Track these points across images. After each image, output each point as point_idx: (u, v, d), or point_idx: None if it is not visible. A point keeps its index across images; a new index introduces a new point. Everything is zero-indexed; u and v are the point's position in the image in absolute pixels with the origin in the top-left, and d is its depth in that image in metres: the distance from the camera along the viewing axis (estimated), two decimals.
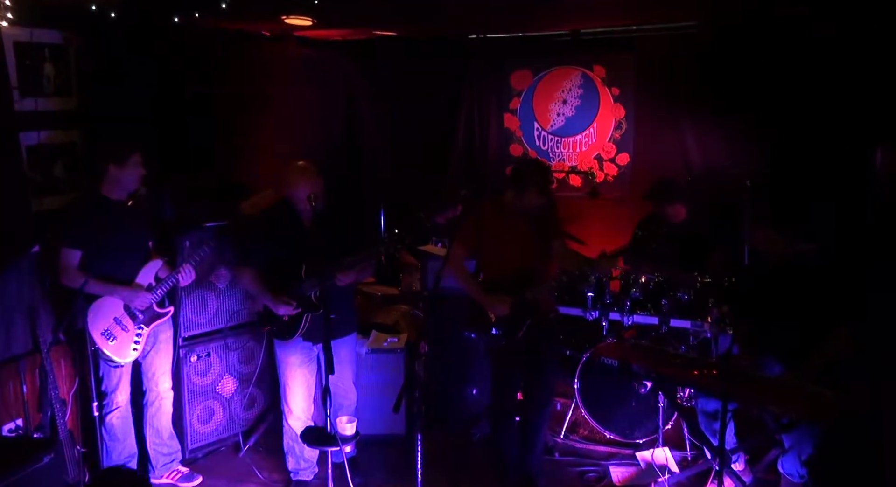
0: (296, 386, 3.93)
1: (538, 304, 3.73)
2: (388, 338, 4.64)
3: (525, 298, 3.69)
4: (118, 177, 3.74)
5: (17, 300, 3.75)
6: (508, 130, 5.96)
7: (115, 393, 3.89)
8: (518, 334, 3.70)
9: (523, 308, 3.69)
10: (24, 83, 3.80)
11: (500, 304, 3.68)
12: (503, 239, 3.72)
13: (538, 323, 3.73)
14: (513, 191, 3.67)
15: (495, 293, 3.70)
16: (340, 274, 3.64)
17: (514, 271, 3.71)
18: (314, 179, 3.72)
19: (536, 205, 3.66)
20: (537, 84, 5.82)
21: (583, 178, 5.67)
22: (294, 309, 3.70)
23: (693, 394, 4.17)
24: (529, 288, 3.69)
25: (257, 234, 3.87)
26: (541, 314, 3.75)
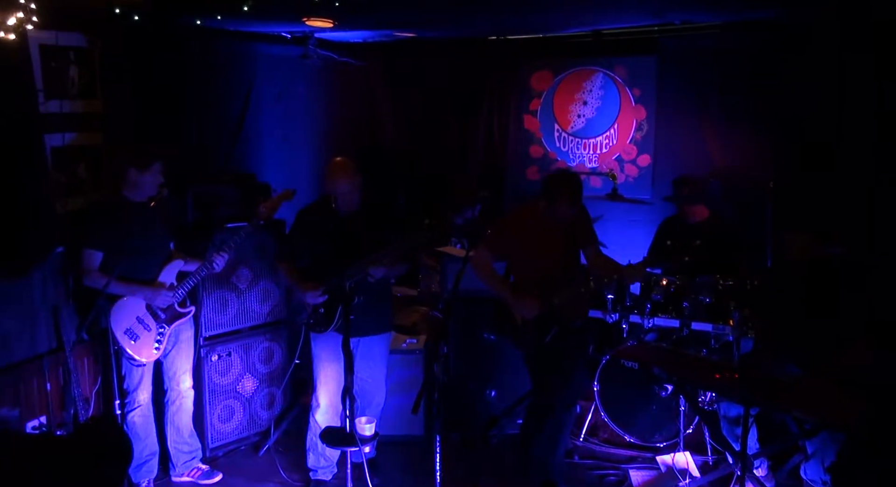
0: (326, 379, 3.96)
1: (565, 311, 3.72)
2: (406, 339, 4.64)
3: (552, 304, 3.68)
4: (137, 181, 3.79)
5: (41, 299, 3.79)
6: (529, 131, 5.92)
7: (137, 391, 3.91)
8: (545, 340, 3.69)
9: (550, 314, 3.68)
10: (49, 85, 3.84)
11: (529, 306, 3.67)
12: (533, 246, 3.73)
13: (565, 329, 3.72)
14: (544, 202, 3.68)
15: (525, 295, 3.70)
16: (372, 266, 3.66)
17: (542, 277, 3.71)
18: (350, 176, 3.77)
19: (567, 214, 3.67)
20: (558, 85, 5.78)
21: (603, 180, 5.61)
22: (319, 296, 3.73)
23: (715, 398, 4.13)
24: (557, 294, 3.68)
25: (296, 229, 3.96)
26: (567, 320, 3.73)
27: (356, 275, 3.70)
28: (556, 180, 3.76)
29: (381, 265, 3.69)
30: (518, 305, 3.70)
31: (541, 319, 3.68)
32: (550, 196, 3.67)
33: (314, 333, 3.97)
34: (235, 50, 5.03)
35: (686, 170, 4.92)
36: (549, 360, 3.73)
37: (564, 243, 3.77)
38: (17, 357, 3.71)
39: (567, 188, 3.67)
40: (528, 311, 3.67)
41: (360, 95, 6.17)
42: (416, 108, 6.12)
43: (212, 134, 4.91)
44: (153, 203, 3.84)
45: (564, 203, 3.64)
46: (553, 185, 3.70)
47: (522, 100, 5.88)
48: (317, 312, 3.88)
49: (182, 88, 4.60)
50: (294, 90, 5.56)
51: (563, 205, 3.65)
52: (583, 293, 3.75)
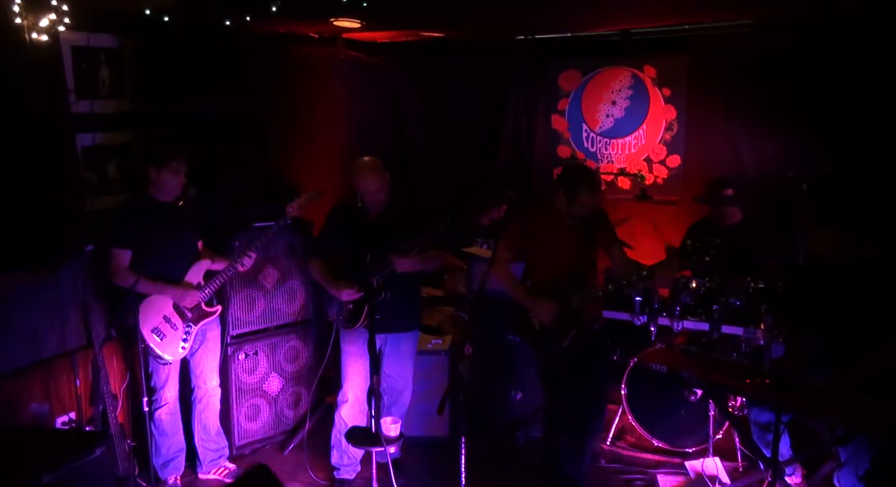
0: (354, 375, 3.97)
1: (584, 313, 3.67)
2: (432, 340, 4.63)
3: (570, 306, 3.63)
4: (157, 180, 3.80)
5: (72, 296, 3.81)
6: (556, 131, 5.89)
7: (164, 389, 3.95)
8: (563, 344, 3.64)
9: (568, 316, 3.64)
10: (80, 86, 3.89)
11: (546, 309, 3.63)
12: (552, 246, 3.68)
13: (583, 332, 3.67)
14: (564, 198, 3.61)
15: (541, 298, 3.66)
16: (398, 258, 3.67)
17: (560, 278, 3.66)
18: (379, 175, 3.79)
19: (589, 206, 3.60)
20: (586, 85, 5.74)
21: (632, 181, 5.57)
22: (356, 294, 3.76)
23: (745, 403, 4.06)
24: (575, 296, 3.63)
25: (326, 227, 4.00)
26: (586, 323, 3.69)
27: (382, 270, 3.71)
28: (572, 173, 3.70)
29: (405, 257, 3.68)
30: (534, 308, 3.66)
31: (559, 323, 3.64)
32: (569, 189, 3.59)
33: (343, 329, 3.98)
34: (263, 50, 5.04)
35: (716, 171, 4.86)
36: (569, 366, 3.69)
37: (583, 244, 3.71)
38: (48, 353, 3.75)
39: (583, 177, 3.61)
40: (545, 314, 3.63)
41: (386, 95, 6.17)
42: (443, 108, 6.11)
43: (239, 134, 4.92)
44: (181, 203, 3.86)
45: (585, 193, 3.56)
46: (570, 178, 3.64)
47: (550, 100, 5.85)
48: (345, 308, 3.89)
49: (209, 89, 4.63)
50: (321, 90, 5.57)
51: (585, 195, 3.57)
52: (600, 296, 3.69)
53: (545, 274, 3.73)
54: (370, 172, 3.80)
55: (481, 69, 5.94)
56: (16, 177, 3.41)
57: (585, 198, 3.57)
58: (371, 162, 3.85)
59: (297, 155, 5.38)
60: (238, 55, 4.82)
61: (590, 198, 3.57)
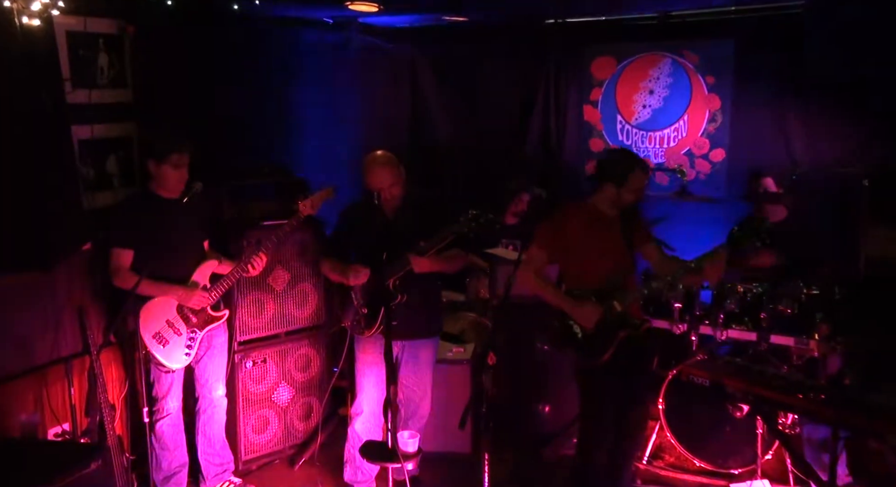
0: (369, 386, 3.95)
1: (629, 317, 3.62)
2: (453, 348, 4.62)
3: (614, 311, 3.58)
4: (157, 174, 3.78)
5: (66, 299, 3.81)
6: (588, 123, 5.84)
7: (166, 399, 3.91)
8: (608, 351, 3.57)
9: (613, 321, 3.58)
10: (76, 74, 3.85)
11: (590, 313, 3.56)
12: (592, 245, 3.64)
13: (630, 338, 3.60)
14: (612, 185, 3.58)
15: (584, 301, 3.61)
16: (415, 258, 3.64)
17: (601, 282, 3.61)
18: (393, 170, 3.76)
19: (640, 190, 3.58)
20: (621, 72, 5.68)
21: (671, 177, 5.51)
22: (364, 275, 3.74)
23: (798, 420, 3.97)
24: (619, 298, 3.57)
25: (339, 226, 4.01)
26: (633, 327, 3.63)
27: (398, 270, 3.68)
28: (619, 154, 3.70)
29: (424, 256, 3.65)
30: (577, 313, 3.60)
31: (603, 329, 3.58)
32: (619, 173, 3.55)
33: (357, 335, 3.95)
34: (274, 36, 5.04)
35: (765, 166, 4.78)
36: (612, 377, 3.62)
37: (622, 243, 3.67)
38: (41, 360, 3.72)
39: (629, 158, 3.59)
40: (589, 319, 3.57)
41: (405, 84, 6.16)
42: (466, 98, 6.08)
43: (248, 126, 4.92)
44: (185, 199, 3.83)
45: (639, 175, 3.53)
46: (618, 160, 3.62)
47: (582, 90, 5.81)
48: (360, 313, 3.86)
49: (217, 78, 4.61)
50: (335, 79, 5.56)
51: (638, 178, 3.54)
52: (646, 294, 3.66)
53: (584, 277, 3.68)
54: (383, 167, 3.77)
55: (507, 56, 5.90)
56: (7, 173, 3.39)
57: (639, 179, 3.55)
58: (384, 156, 3.83)
59: (308, 148, 5.36)
60: (247, 41, 4.80)
61: (640, 178, 3.55)
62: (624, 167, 3.56)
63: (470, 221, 3.54)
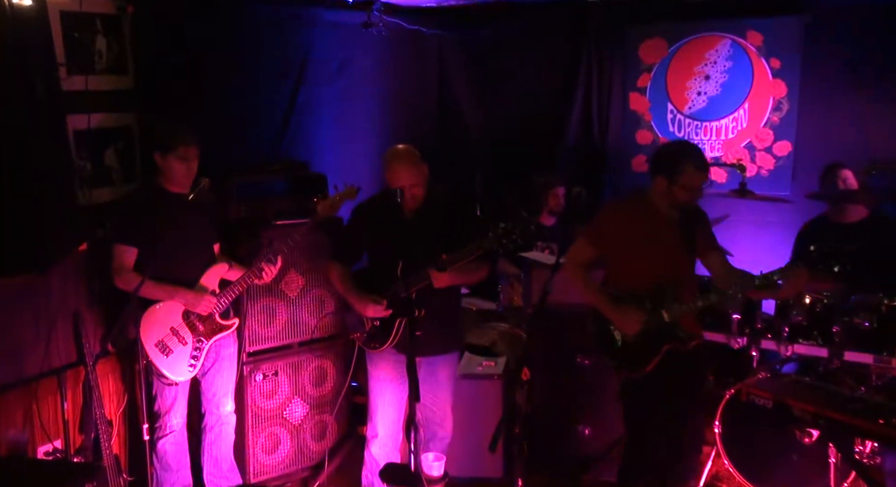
0: (384, 406, 3.93)
1: (679, 329, 3.56)
2: (483, 362, 4.61)
3: (662, 320, 3.52)
4: (163, 167, 3.81)
5: (60, 304, 3.82)
6: (635, 113, 5.82)
7: (169, 415, 3.91)
8: (648, 365, 3.53)
9: (660, 332, 3.53)
10: (72, 59, 3.86)
11: (633, 318, 3.54)
12: (645, 245, 3.60)
13: (676, 352, 3.55)
14: (663, 180, 3.54)
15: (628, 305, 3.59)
16: (435, 274, 3.60)
17: (651, 287, 3.57)
18: (415, 167, 3.72)
19: (694, 189, 3.52)
20: (673, 56, 5.67)
21: (729, 172, 5.48)
22: (383, 311, 3.72)
23: (878, 449, 3.88)
24: (668, 308, 3.51)
25: (351, 227, 3.98)
26: (681, 341, 3.56)
27: (416, 284, 3.64)
28: (673, 147, 3.67)
29: (445, 271, 3.60)
30: (618, 317, 3.58)
31: (647, 338, 3.54)
32: (670, 167, 3.50)
33: (369, 350, 3.92)
34: (288, 17, 5.04)
35: (838, 159, 4.68)
36: (658, 394, 3.58)
37: (679, 245, 3.62)
38: (31, 371, 3.72)
39: (689, 152, 3.53)
40: (631, 324, 3.55)
41: (431, 69, 6.16)
42: (498, 85, 6.06)
43: (259, 115, 4.93)
44: (191, 195, 3.83)
45: (691, 171, 3.46)
46: (670, 153, 3.58)
47: (628, 76, 5.79)
48: (372, 325, 3.82)
49: (226, 62, 4.61)
50: (355, 64, 5.56)
51: (690, 174, 3.47)
52: (700, 307, 3.58)
53: (631, 280, 3.64)
54: (405, 164, 3.71)
55: (544, 38, 5.87)
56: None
57: (690, 175, 3.48)
58: (405, 151, 3.77)
59: (326, 140, 5.36)
60: (259, 23, 4.78)
61: (695, 176, 3.48)
62: (675, 160, 3.51)
63: (500, 237, 3.49)
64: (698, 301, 3.55)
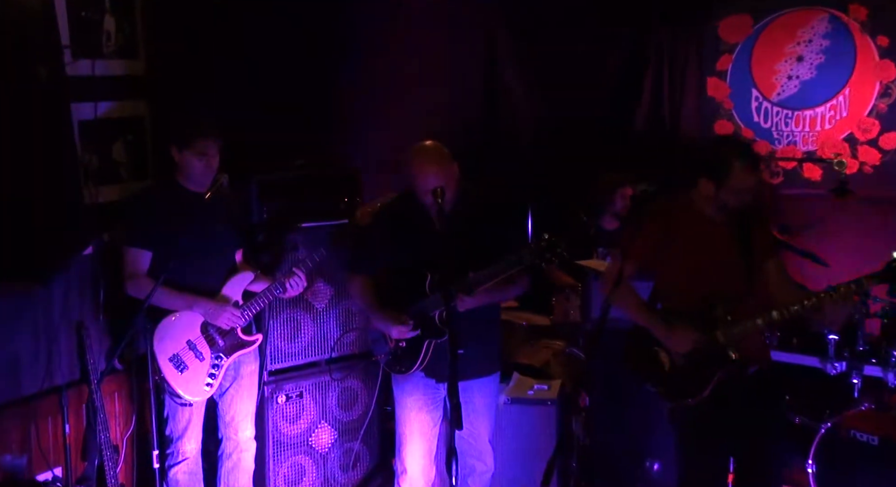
0: (413, 436, 3.92)
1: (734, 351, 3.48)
2: (534, 385, 4.57)
3: (715, 341, 3.47)
4: (180, 164, 3.86)
5: (62, 314, 3.85)
6: (713, 101, 5.72)
7: (183, 439, 3.94)
8: (703, 391, 3.47)
9: (713, 354, 3.47)
10: (77, 41, 3.90)
11: (682, 337, 3.51)
12: (694, 254, 3.57)
13: (734, 377, 3.48)
14: (709, 184, 3.50)
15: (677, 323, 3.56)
16: (462, 299, 3.59)
17: (700, 303, 3.53)
18: (444, 166, 3.70)
19: (744, 192, 3.46)
20: (759, 34, 5.53)
21: (825, 169, 5.34)
22: (409, 332, 3.72)
23: None
24: (724, 327, 3.45)
25: (373, 235, 3.98)
26: (738, 365, 3.49)
27: (440, 306, 3.62)
28: (719, 144, 3.69)
29: (470, 294, 3.59)
30: (666, 336, 3.56)
31: (698, 361, 3.51)
32: (716, 167, 3.46)
33: (395, 374, 3.92)
34: None
35: None
36: (717, 425, 3.54)
37: (739, 251, 3.56)
38: (29, 389, 3.77)
39: (736, 149, 3.50)
40: (680, 344, 3.53)
41: (479, 52, 6.12)
42: (553, 68, 5.98)
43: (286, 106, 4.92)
44: (209, 194, 3.86)
45: (738, 172, 3.41)
46: (716, 151, 3.55)
47: (706, 57, 5.70)
48: (397, 346, 3.81)
49: (247, 43, 4.64)
50: (391, 49, 5.55)
51: (738, 175, 3.41)
52: (760, 325, 3.52)
53: (678, 296, 3.62)
54: (431, 163, 3.68)
55: (608, 15, 5.80)
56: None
57: (738, 177, 3.43)
58: (432, 148, 3.75)
59: (360, 130, 5.39)
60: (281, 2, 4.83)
61: (744, 177, 3.43)
62: (722, 160, 3.48)
63: (542, 251, 3.45)
64: (758, 319, 3.47)
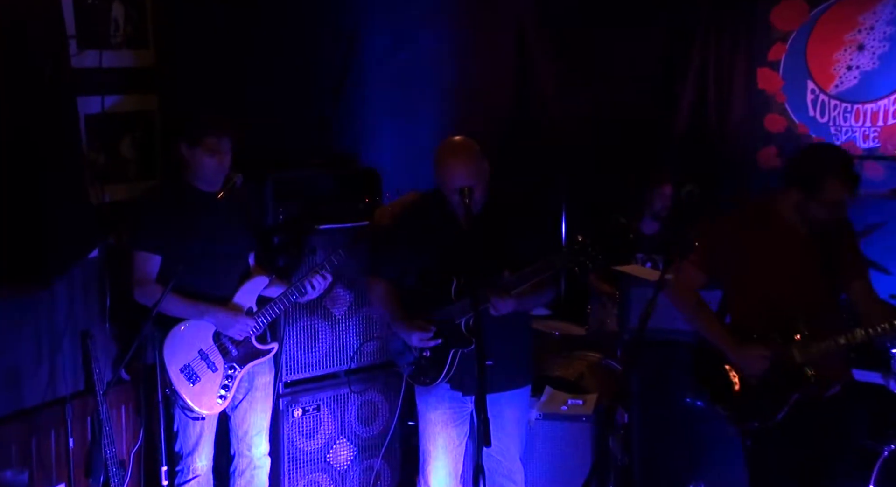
0: (437, 453, 3.92)
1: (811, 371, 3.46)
2: (568, 399, 4.59)
3: (791, 360, 3.44)
4: (191, 161, 3.85)
5: (66, 322, 3.87)
6: (764, 93, 5.68)
7: (193, 455, 3.95)
8: (777, 414, 3.43)
9: (789, 373, 3.45)
10: (84, 31, 3.91)
11: (755, 358, 3.48)
12: (771, 265, 3.56)
13: (811, 399, 3.45)
14: (798, 192, 3.49)
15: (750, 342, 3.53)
16: (496, 298, 3.57)
17: (778, 316, 3.50)
18: (474, 164, 3.70)
19: (836, 206, 3.47)
20: (816, 21, 5.51)
21: (887, 168, 5.35)
22: (431, 340, 3.72)
23: None
24: (802, 344, 3.42)
25: (396, 237, 3.99)
26: (816, 387, 3.46)
27: (471, 310, 3.58)
28: (817, 153, 3.66)
29: (510, 296, 3.57)
30: (738, 356, 3.53)
31: (772, 382, 3.49)
32: (810, 179, 3.44)
33: (419, 386, 3.92)
34: None
35: None
36: (789, 449, 3.51)
37: (822, 265, 3.53)
38: (31, 401, 3.78)
39: (834, 160, 3.48)
40: (753, 365, 3.50)
41: (508, 42, 6.13)
42: (588, 62, 6.01)
43: (302, 100, 4.94)
44: (221, 194, 3.89)
45: (834, 186, 3.40)
46: (813, 161, 3.53)
47: (755, 47, 5.68)
48: (420, 355, 3.81)
49: (263, 36, 4.65)
50: (414, 41, 5.56)
51: (833, 189, 3.40)
52: (843, 344, 3.48)
53: (755, 312, 3.58)
54: (461, 160, 3.68)
55: (648, 3, 5.81)
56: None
57: (831, 191, 3.42)
58: (462, 144, 3.75)
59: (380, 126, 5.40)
60: None
61: (838, 191, 3.43)
62: (815, 169, 3.47)
63: (576, 254, 3.44)
64: (840, 338, 3.44)
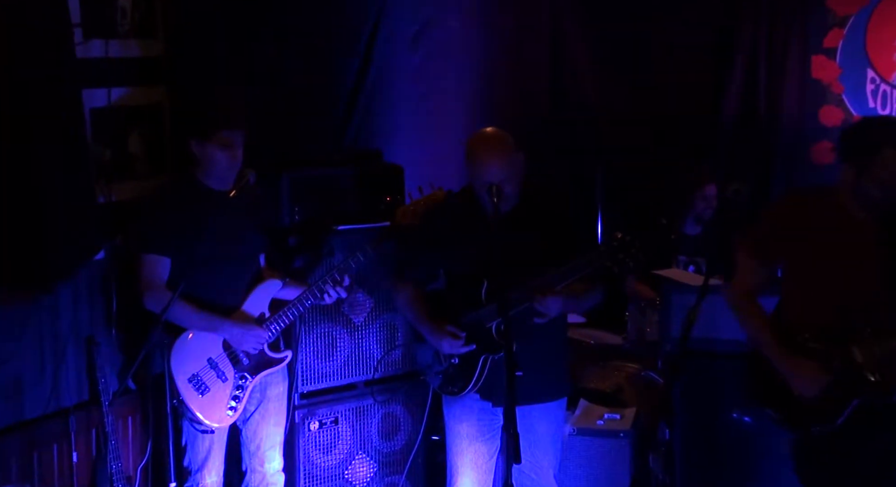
0: (465, 470, 3.94)
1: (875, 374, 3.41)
2: (605, 414, 4.60)
3: (853, 361, 3.39)
4: (201, 158, 3.87)
5: (70, 329, 3.88)
6: (819, 83, 5.68)
7: (203, 471, 3.97)
8: (835, 420, 3.40)
9: (849, 378, 3.40)
10: (89, 19, 3.92)
11: (809, 378, 3.45)
12: (827, 260, 3.50)
13: (874, 405, 3.40)
14: (851, 169, 3.43)
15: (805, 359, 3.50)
16: (544, 297, 3.57)
17: (836, 316, 3.45)
18: (506, 157, 3.68)
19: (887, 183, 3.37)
20: (877, 5, 5.51)
21: None
22: (461, 347, 3.72)
23: None
24: (864, 344, 3.38)
25: (422, 237, 4.00)
26: (880, 391, 3.41)
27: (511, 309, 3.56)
28: (872, 124, 3.69)
29: (554, 294, 3.55)
30: (792, 372, 3.51)
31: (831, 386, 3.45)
32: (863, 151, 3.40)
33: (446, 396, 3.92)
34: None
35: None
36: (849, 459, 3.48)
37: (878, 260, 3.47)
38: (33, 412, 3.79)
39: (888, 132, 3.44)
40: (807, 386, 3.46)
41: (542, 28, 6.14)
42: (627, 53, 6.02)
43: (320, 93, 4.96)
44: (233, 192, 3.89)
45: (890, 160, 3.34)
46: (867, 132, 3.52)
47: (810, 33, 5.67)
48: (449, 363, 3.80)
49: (278, 25, 4.67)
50: (441, 28, 5.56)
51: (888, 164, 3.35)
52: None
53: (812, 309, 3.55)
54: (494, 154, 3.67)
55: None
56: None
57: (884, 164, 3.36)
58: (496, 136, 3.75)
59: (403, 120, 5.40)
60: None
61: (892, 166, 3.36)
62: (869, 143, 3.42)
63: (614, 251, 3.44)
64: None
